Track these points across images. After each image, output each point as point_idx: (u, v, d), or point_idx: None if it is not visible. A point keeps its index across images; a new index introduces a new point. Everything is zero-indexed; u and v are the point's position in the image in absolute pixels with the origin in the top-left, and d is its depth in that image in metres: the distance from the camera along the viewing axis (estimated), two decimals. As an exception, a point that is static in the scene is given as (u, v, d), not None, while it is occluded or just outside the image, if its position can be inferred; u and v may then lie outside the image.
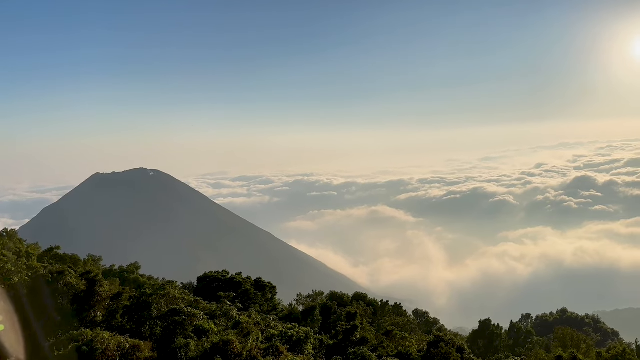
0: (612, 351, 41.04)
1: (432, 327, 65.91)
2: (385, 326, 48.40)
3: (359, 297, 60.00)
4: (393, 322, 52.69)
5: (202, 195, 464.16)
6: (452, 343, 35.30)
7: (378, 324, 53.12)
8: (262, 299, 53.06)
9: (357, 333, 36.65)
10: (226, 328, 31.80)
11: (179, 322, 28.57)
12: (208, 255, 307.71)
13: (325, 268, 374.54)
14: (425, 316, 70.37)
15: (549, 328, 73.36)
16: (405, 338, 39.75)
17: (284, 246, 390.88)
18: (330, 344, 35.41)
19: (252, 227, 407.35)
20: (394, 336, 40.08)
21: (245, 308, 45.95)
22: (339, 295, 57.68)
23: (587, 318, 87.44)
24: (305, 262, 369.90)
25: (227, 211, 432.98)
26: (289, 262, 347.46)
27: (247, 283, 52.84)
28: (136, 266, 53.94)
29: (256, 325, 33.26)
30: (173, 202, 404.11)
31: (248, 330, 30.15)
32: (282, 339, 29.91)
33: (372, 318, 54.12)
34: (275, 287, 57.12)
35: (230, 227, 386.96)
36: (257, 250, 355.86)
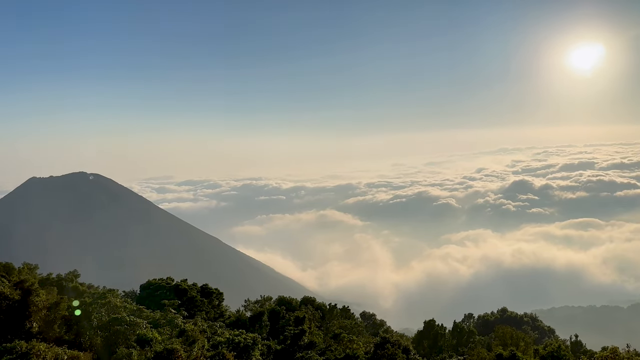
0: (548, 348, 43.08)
1: (379, 329, 66.83)
2: (333, 329, 48.66)
3: (307, 301, 59.96)
4: (341, 325, 53.06)
5: (145, 200, 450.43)
6: (398, 344, 35.95)
7: (326, 327, 53.33)
8: (209, 306, 52.04)
9: (305, 337, 36.66)
10: (171, 337, 30.97)
11: (120, 331, 27.58)
12: (152, 262, 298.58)
13: (274, 273, 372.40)
14: (372, 318, 71.24)
15: (490, 327, 75.97)
16: (353, 341, 40.14)
17: (231, 251, 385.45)
18: (278, 349, 35.21)
19: (199, 232, 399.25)
20: (341, 339, 40.40)
21: (191, 316, 44.92)
22: (287, 299, 57.42)
23: (525, 317, 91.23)
24: (254, 267, 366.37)
25: (172, 216, 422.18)
26: (236, 268, 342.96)
27: (193, 290, 51.69)
28: (75, 274, 51.55)
29: (202, 332, 32.59)
30: (115, 208, 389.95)
31: (193, 338, 29.50)
32: (229, 346, 29.48)
33: (320, 322, 54.26)
34: (222, 294, 56.17)
35: (176, 233, 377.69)
36: (204, 256, 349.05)
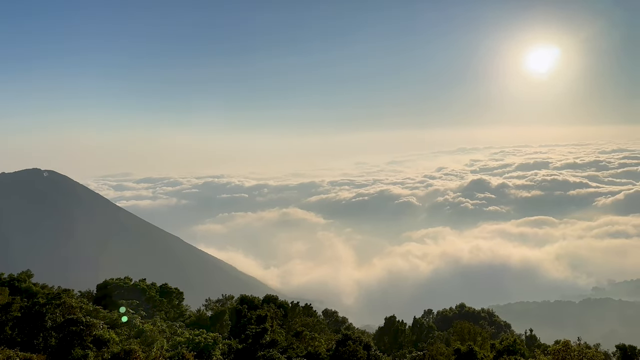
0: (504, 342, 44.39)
1: (340, 326, 67.34)
2: (295, 327, 48.69)
3: (269, 300, 59.74)
4: (303, 323, 53.16)
5: (102, 198, 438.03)
6: (359, 341, 36.32)
7: (288, 325, 53.29)
8: (168, 306, 51.21)
9: (267, 336, 36.56)
10: (128, 337, 30.34)
11: (76, 332, 26.79)
12: (109, 262, 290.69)
13: (236, 271, 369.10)
14: (334, 316, 71.71)
15: (448, 322, 77.65)
16: (315, 338, 40.30)
17: (192, 250, 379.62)
18: (240, 348, 34.98)
19: (158, 230, 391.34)
20: (303, 337, 40.48)
21: (150, 316, 44.10)
22: (249, 298, 57.05)
23: (482, 312, 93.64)
24: (215, 265, 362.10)
25: (131, 214, 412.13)
26: (197, 267, 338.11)
27: (152, 289, 50.76)
28: (28, 274, 49.68)
29: (161, 333, 32.06)
30: (70, 205, 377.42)
31: (152, 338, 29.01)
32: (189, 346, 29.11)
33: (282, 320, 54.16)
34: (182, 293, 55.39)
35: (134, 232, 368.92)
36: (163, 255, 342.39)
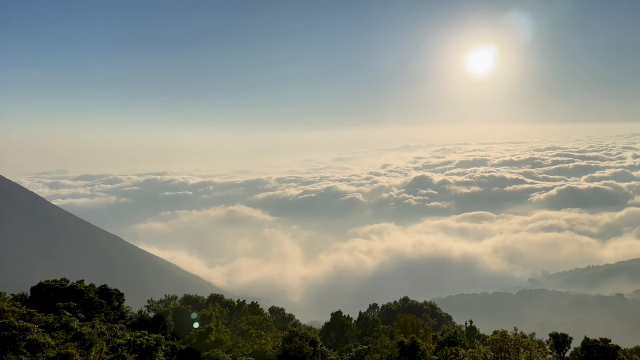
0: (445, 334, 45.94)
1: (287, 323, 67.36)
2: (241, 326, 48.28)
3: (215, 299, 58.94)
4: (249, 321, 52.80)
5: (36, 196, 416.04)
6: (306, 337, 36.46)
7: (234, 324, 52.75)
8: (108, 308, 49.37)
9: (212, 335, 36.01)
10: (65, 341, 29.05)
11: (8, 337, 25.36)
12: (45, 263, 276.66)
13: (179, 270, 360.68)
14: (281, 313, 71.66)
15: (393, 316, 79.39)
16: (261, 336, 40.09)
17: (133, 250, 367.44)
18: (183, 349, 34.26)
19: (97, 230, 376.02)
20: (250, 335, 40.18)
21: (89, 318, 42.39)
22: (193, 298, 56.06)
23: (425, 305, 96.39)
24: (157, 265, 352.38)
25: (67, 213, 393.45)
26: (138, 267, 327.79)
27: (91, 291, 48.77)
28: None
29: (100, 335, 30.88)
30: (1, 204, 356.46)
31: (91, 341, 27.92)
32: (130, 348, 28.22)
33: (228, 319, 53.54)
34: (122, 294, 53.55)
35: (70, 231, 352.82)
36: (103, 255, 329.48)
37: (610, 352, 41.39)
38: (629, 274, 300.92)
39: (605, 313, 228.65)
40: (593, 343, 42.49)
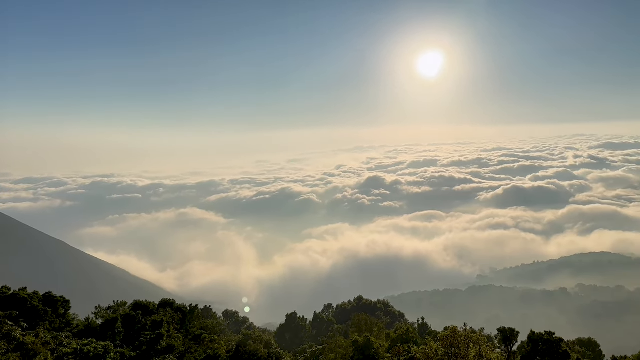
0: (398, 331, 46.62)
1: (241, 326, 66.59)
2: (194, 331, 47.30)
3: (166, 304, 57.47)
4: (202, 326, 51.79)
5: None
6: (260, 339, 36.17)
7: (187, 329, 51.65)
8: (53, 316, 47.27)
9: (163, 341, 35.13)
10: (7, 351, 27.60)
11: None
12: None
13: (129, 276, 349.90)
14: (235, 316, 70.74)
15: (347, 315, 79.96)
16: (215, 341, 39.43)
17: (79, 255, 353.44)
18: (133, 356, 33.25)
19: (41, 235, 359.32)
20: (202, 340, 39.44)
21: (32, 327, 40.44)
22: (144, 303, 54.46)
23: (379, 303, 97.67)
24: (105, 271, 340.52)
25: (9, 218, 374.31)
26: (85, 273, 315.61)
27: (34, 299, 46.54)
28: None
29: (45, 344, 29.50)
30: None
31: (35, 351, 26.64)
32: (77, 357, 27.12)
33: (180, 324, 52.36)
34: (68, 301, 51.41)
35: (12, 237, 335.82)
36: (47, 261, 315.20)
37: (555, 344, 43.19)
38: (571, 269, 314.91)
39: (550, 307, 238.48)
40: (538, 336, 44.21)
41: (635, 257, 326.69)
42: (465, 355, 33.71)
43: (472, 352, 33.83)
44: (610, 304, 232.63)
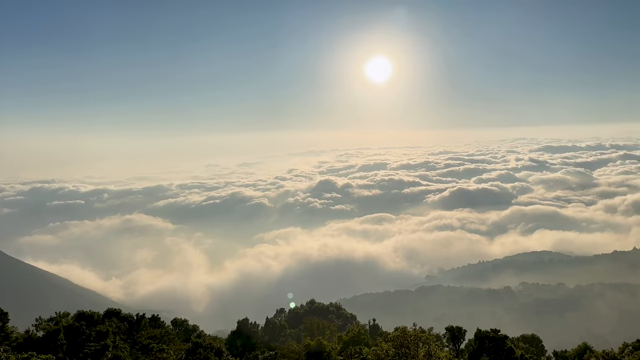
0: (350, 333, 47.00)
1: (191, 334, 65.15)
2: (141, 341, 45.92)
3: (111, 313, 55.47)
4: (150, 336, 50.29)
5: None
6: (211, 347, 35.51)
7: (134, 339, 50.04)
8: (-12, 330, 44.64)
9: (109, 352, 33.90)
10: None
11: None
12: None
13: (71, 285, 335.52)
14: (184, 324, 69.07)
15: (300, 319, 79.86)
16: (163, 350, 38.42)
17: (18, 265, 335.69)
18: (77, 370, 31.89)
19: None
20: (150, 350, 38.34)
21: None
22: (88, 313, 52.33)
23: (331, 306, 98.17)
24: (46, 280, 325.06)
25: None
26: (25, 283, 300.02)
27: (-33, 313, 43.83)
28: None
29: (-21, 362, 27.84)
30: None
31: (-33, 369, 25.05)
32: (15, 374, 25.73)
33: (127, 334, 50.68)
34: (7, 314, 48.68)
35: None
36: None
37: (500, 341, 44.77)
38: (515, 268, 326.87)
39: (495, 305, 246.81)
40: (485, 334, 45.70)
41: (574, 255, 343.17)
42: (415, 355, 34.33)
43: (422, 351, 34.50)
44: (552, 301, 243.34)
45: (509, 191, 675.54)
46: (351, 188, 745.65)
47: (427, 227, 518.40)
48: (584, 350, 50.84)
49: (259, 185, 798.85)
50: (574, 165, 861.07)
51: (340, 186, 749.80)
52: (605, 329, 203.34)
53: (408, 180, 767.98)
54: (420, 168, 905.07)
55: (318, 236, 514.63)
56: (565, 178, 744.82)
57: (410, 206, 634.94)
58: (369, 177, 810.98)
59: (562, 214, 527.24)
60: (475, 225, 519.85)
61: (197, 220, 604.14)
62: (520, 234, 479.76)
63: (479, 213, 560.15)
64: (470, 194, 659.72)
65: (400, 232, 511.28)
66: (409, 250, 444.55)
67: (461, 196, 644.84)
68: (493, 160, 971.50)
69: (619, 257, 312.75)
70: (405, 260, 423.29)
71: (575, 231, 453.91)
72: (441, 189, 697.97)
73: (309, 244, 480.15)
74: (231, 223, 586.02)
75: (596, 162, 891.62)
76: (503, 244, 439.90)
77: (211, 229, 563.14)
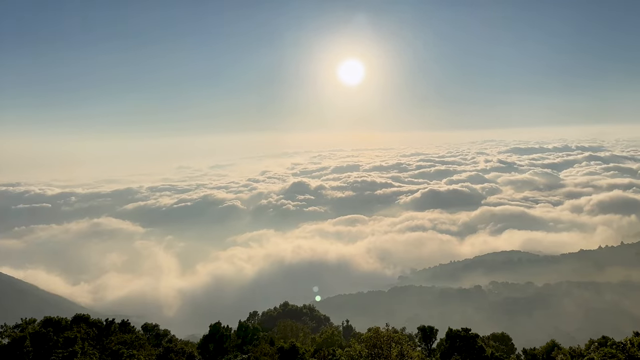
0: (323, 335, 47.07)
1: (162, 339, 64.16)
2: (111, 347, 45.00)
3: (80, 319, 54.21)
4: (120, 341, 49.33)
5: None
6: (182, 352, 35.07)
7: (103, 345, 48.99)
8: (-51, 339, 43.06)
9: (77, 359, 33.10)
10: None
11: None
12: None
13: (38, 291, 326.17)
14: (155, 329, 67.96)
15: (273, 322, 79.54)
16: (133, 355, 37.75)
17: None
18: (44, 378, 31.03)
19: None
20: (120, 355, 37.61)
21: None
22: (55, 319, 51.04)
23: (304, 308, 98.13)
24: (12, 286, 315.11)
25: None
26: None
27: None
28: None
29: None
30: None
31: None
32: (-23, 384, 24.88)
33: (96, 340, 49.58)
34: (-32, 322, 47.12)
35: None
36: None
37: (471, 340, 45.51)
38: (485, 267, 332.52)
39: (466, 304, 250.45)
40: (456, 333, 46.38)
41: (542, 254, 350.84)
42: (387, 355, 34.59)
43: (395, 351, 34.79)
44: (521, 299, 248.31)
45: (479, 192, 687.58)
46: (324, 190, 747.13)
47: (400, 228, 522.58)
48: (552, 348, 52.07)
49: (231, 187, 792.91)
50: (541, 166, 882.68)
51: (313, 188, 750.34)
52: (572, 326, 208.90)
53: (381, 182, 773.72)
54: (393, 169, 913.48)
55: (291, 238, 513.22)
56: (533, 179, 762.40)
57: (383, 207, 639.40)
58: (342, 179, 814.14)
59: (530, 214, 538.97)
60: (446, 225, 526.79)
61: (168, 223, 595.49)
62: (489, 234, 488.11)
63: (449, 214, 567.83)
64: (441, 195, 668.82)
65: (373, 233, 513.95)
66: (382, 251, 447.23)
67: (432, 197, 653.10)
68: (463, 161, 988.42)
69: (585, 256, 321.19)
70: (378, 261, 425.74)
71: (543, 231, 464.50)
72: (413, 190, 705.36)
73: (282, 246, 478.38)
74: (203, 226, 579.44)
75: (563, 163, 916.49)
76: (473, 244, 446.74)
77: (182, 232, 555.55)
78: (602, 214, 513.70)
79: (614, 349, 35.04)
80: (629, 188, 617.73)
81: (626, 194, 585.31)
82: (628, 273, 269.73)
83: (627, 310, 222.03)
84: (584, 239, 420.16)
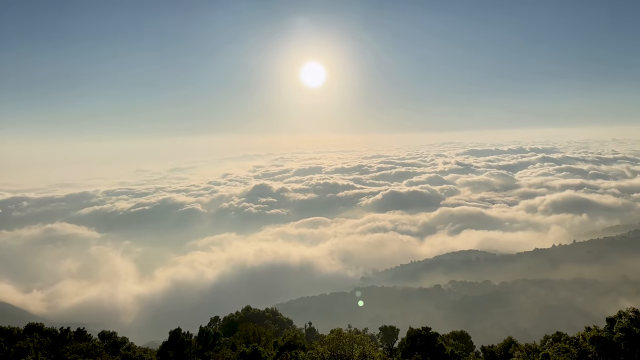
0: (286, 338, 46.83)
1: (120, 347, 62.42)
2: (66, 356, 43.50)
3: (33, 328, 52.14)
4: (75, 350, 47.74)
5: None
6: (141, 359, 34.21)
7: (58, 354, 47.27)
8: None
9: (29, 371, 31.77)
10: None
11: None
12: None
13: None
14: (112, 337, 66.05)
15: (235, 327, 78.58)
16: (90, 365, 36.53)
17: None
18: (-7, 392, 29.65)
19: None
20: (76, 365, 36.33)
21: None
22: (6, 329, 48.93)
23: (267, 312, 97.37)
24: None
25: None
26: None
27: None
28: None
29: None
30: None
31: None
32: None
33: (50, 350, 47.79)
34: None
35: None
36: None
37: (431, 338, 46.27)
38: (444, 267, 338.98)
39: (427, 303, 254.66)
40: (416, 332, 47.06)
41: (499, 253, 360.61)
42: (350, 356, 34.75)
43: (357, 352, 34.98)
44: (479, 298, 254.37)
45: (438, 193, 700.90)
46: (287, 192, 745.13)
47: (362, 230, 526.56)
48: (509, 345, 53.58)
49: (191, 190, 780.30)
50: (497, 168, 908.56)
51: (275, 190, 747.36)
52: (529, 322, 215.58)
53: (343, 184, 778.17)
54: (354, 172, 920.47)
55: (253, 241, 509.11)
56: (489, 180, 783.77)
57: (345, 209, 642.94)
58: (305, 181, 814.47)
59: (487, 215, 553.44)
60: (407, 226, 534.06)
61: (125, 228, 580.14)
62: (448, 234, 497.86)
63: (410, 215, 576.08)
64: (401, 196, 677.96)
65: (336, 235, 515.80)
66: (344, 252, 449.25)
67: (393, 199, 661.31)
68: (422, 163, 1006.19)
69: (539, 254, 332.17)
70: (341, 263, 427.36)
71: (499, 230, 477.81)
72: (374, 192, 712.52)
73: (244, 249, 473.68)
74: (162, 230, 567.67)
75: (517, 164, 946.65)
76: (432, 244, 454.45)
77: (140, 237, 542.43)
78: (555, 213, 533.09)
79: (568, 344, 36.35)
80: (580, 188, 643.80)
81: (578, 194, 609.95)
82: (580, 270, 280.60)
83: (580, 306, 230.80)
84: (539, 238, 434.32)
